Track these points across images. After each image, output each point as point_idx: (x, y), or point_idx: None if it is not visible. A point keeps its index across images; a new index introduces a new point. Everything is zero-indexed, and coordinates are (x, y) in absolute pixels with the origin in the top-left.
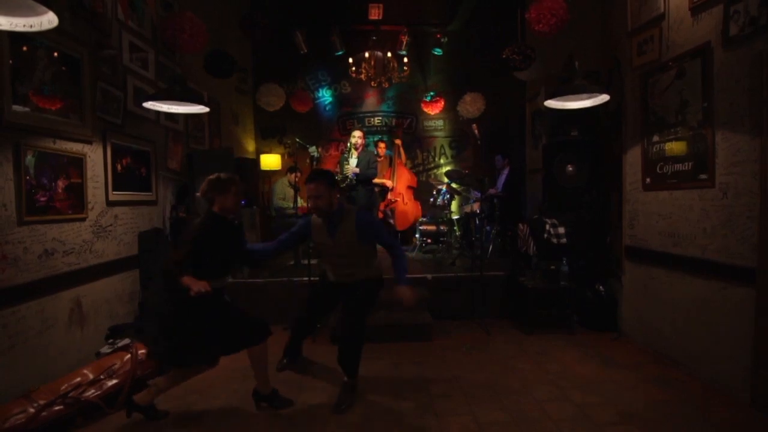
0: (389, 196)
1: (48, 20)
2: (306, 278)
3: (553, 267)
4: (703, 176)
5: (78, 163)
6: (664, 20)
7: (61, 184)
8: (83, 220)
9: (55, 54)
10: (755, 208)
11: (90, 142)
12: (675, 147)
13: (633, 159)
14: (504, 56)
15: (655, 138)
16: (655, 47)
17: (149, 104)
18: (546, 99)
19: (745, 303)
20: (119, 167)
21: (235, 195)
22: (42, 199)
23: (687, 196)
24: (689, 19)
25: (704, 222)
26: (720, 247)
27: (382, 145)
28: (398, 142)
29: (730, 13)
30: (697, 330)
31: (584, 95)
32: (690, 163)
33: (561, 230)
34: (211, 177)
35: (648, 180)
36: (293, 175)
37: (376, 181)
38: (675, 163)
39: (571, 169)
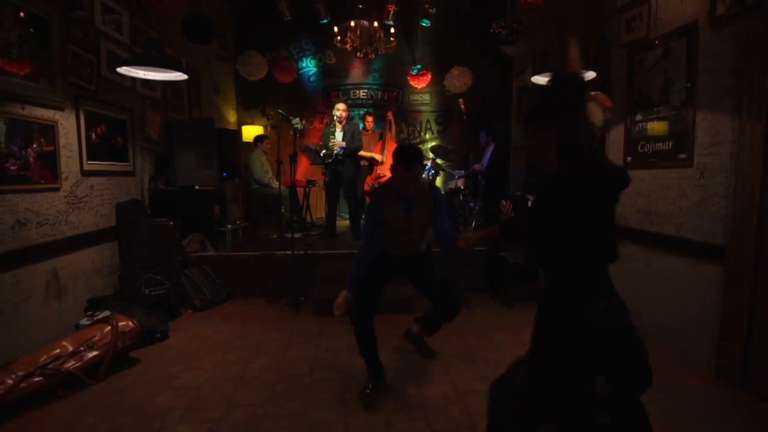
0: (378, 170)
1: None
2: (290, 251)
3: None
4: (683, 156)
5: (50, 131)
6: None
7: (32, 152)
8: (57, 190)
9: (22, 14)
10: (730, 188)
11: (62, 109)
12: (657, 126)
13: (615, 137)
14: (491, 30)
15: (639, 117)
16: (643, 25)
17: (124, 69)
18: (533, 75)
19: (713, 279)
20: (94, 136)
21: None
22: (12, 168)
23: (666, 176)
24: None
25: (681, 201)
26: (694, 226)
27: (369, 118)
28: (390, 116)
29: None
30: (668, 305)
31: None
32: (670, 143)
33: None
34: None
35: (629, 158)
36: (264, 143)
37: (365, 154)
38: (656, 142)
39: None
